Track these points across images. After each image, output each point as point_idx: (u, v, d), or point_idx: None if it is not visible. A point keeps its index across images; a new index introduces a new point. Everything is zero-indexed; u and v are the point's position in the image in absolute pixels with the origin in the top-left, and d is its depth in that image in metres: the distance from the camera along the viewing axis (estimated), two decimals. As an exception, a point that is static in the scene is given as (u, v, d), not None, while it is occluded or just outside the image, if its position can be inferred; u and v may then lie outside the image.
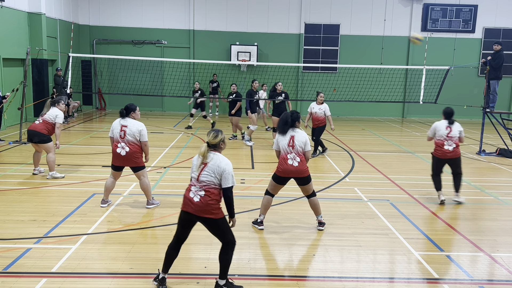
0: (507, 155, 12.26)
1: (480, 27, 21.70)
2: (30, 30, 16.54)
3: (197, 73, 20.61)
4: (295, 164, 6.19)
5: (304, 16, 21.43)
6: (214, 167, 4.49)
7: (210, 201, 4.46)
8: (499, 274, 5.29)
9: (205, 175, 4.49)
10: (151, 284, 4.77)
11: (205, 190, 4.48)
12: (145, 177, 7.13)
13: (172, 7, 21.31)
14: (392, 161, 11.43)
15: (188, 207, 4.51)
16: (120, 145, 6.93)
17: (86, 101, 21.89)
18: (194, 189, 4.52)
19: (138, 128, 6.91)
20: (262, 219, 6.48)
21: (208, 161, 4.51)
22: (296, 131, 6.27)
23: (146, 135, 6.99)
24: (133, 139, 6.90)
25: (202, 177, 4.50)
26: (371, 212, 7.30)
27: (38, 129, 8.62)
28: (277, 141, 6.35)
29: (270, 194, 6.48)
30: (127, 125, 6.93)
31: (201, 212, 4.46)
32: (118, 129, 6.96)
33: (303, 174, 6.25)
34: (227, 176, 4.47)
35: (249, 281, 4.89)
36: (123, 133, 6.91)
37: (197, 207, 4.46)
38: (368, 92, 18.86)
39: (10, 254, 5.33)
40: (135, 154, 6.94)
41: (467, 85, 21.64)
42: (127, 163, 7.02)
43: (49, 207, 7.10)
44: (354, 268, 5.32)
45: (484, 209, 7.89)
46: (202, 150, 4.55)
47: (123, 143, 6.91)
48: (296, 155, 6.20)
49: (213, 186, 4.49)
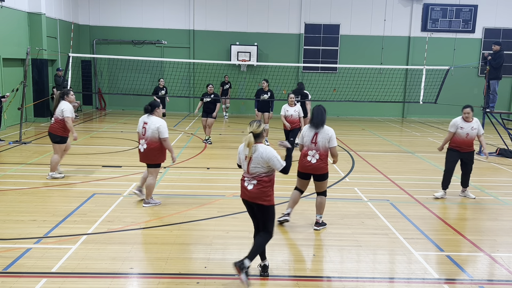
0: (507, 155, 12.26)
1: (480, 27, 21.71)
2: (30, 30, 16.54)
3: (197, 73, 20.60)
4: (313, 161, 6.32)
5: (304, 16, 21.43)
6: (258, 159, 4.83)
7: (263, 189, 4.85)
8: (499, 274, 5.29)
9: (253, 167, 4.86)
10: (151, 284, 4.77)
11: (257, 180, 4.86)
12: (154, 177, 7.22)
13: (172, 7, 21.32)
14: (392, 161, 11.43)
15: (244, 195, 4.95)
16: (141, 141, 7.10)
17: (86, 101, 21.89)
18: (247, 179, 4.93)
19: (157, 124, 6.97)
20: (289, 212, 6.64)
21: (253, 154, 4.83)
22: (322, 128, 6.32)
23: (166, 132, 7.03)
24: (152, 136, 7.00)
25: (251, 169, 4.88)
26: (371, 212, 7.30)
27: (53, 130, 8.62)
28: (302, 136, 6.44)
29: (299, 190, 6.68)
30: (148, 122, 7.04)
31: (255, 199, 4.86)
32: (141, 126, 7.11)
33: (320, 171, 6.38)
34: (273, 162, 4.82)
35: (249, 281, 4.88)
36: (144, 130, 7.05)
37: (252, 194, 4.86)
38: (368, 92, 18.87)
39: (10, 254, 5.33)
40: (152, 152, 7.04)
41: (467, 85, 21.65)
42: (145, 160, 7.16)
43: (49, 207, 7.10)
44: (354, 268, 5.32)
45: (484, 209, 7.89)
46: (249, 141, 4.82)
47: (143, 140, 7.07)
48: (316, 152, 6.30)
49: (264, 175, 4.86)
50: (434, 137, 15.74)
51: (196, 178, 9.15)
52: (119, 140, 13.42)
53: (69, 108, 8.65)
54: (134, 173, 9.31)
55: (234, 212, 7.04)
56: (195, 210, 7.15)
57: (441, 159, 11.88)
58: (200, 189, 8.32)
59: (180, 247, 5.72)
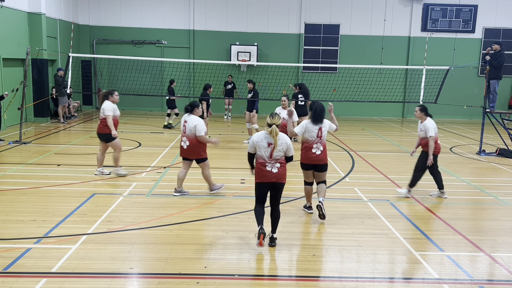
0: (507, 155, 12.26)
1: (480, 27, 21.70)
2: (30, 30, 16.54)
3: (197, 73, 20.58)
4: (318, 153, 6.78)
5: (304, 16, 21.43)
6: (283, 145, 5.74)
7: (284, 169, 5.79)
8: (499, 274, 5.29)
9: (277, 153, 5.71)
10: (151, 284, 4.77)
11: (279, 162, 5.74)
12: (206, 169, 7.78)
13: (172, 7, 21.31)
14: (392, 161, 11.43)
15: (269, 178, 5.70)
16: (183, 139, 7.70)
17: (86, 101, 21.89)
18: (269, 164, 5.72)
19: (194, 123, 7.52)
20: (310, 205, 7.19)
21: (278, 141, 5.67)
22: (323, 122, 6.85)
23: (201, 130, 7.51)
24: (191, 134, 7.56)
25: (274, 155, 5.71)
26: (371, 212, 7.30)
27: (100, 129, 8.88)
28: (304, 129, 6.76)
29: (308, 183, 7.05)
30: (187, 120, 7.62)
31: (280, 178, 5.74)
32: (182, 124, 7.73)
33: (324, 161, 6.88)
34: (290, 147, 5.82)
35: (249, 281, 4.89)
36: (184, 128, 7.65)
37: (278, 175, 5.72)
38: (368, 92, 18.84)
39: (10, 254, 5.33)
40: (195, 148, 7.60)
41: (467, 85, 21.64)
42: (189, 156, 7.71)
43: (49, 207, 7.10)
44: (354, 268, 5.32)
45: (484, 209, 7.89)
46: (275, 131, 5.65)
47: (184, 137, 7.67)
48: (320, 145, 6.81)
49: (283, 158, 5.80)
50: (434, 137, 15.73)
51: (196, 178, 9.14)
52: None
53: (110, 107, 8.87)
54: (134, 173, 9.32)
55: (234, 212, 7.04)
56: (195, 210, 7.15)
57: (442, 159, 11.88)
58: (200, 189, 8.32)
59: (180, 247, 5.72)
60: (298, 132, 6.80)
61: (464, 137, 15.90)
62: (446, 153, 12.74)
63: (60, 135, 14.23)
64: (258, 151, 5.75)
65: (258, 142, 5.74)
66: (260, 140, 5.73)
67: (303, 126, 6.80)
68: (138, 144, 12.81)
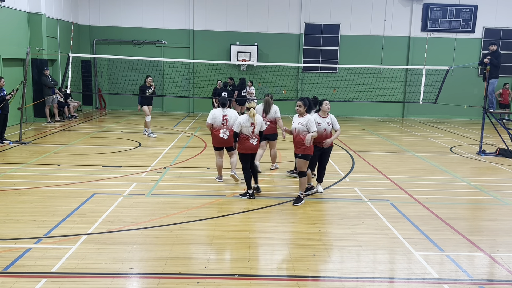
0: (507, 155, 12.26)
1: (480, 27, 21.71)
2: (30, 30, 16.54)
3: (197, 73, 20.58)
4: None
5: (304, 16, 21.43)
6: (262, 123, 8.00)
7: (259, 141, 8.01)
8: (499, 274, 5.29)
9: (257, 130, 7.83)
10: (151, 284, 4.77)
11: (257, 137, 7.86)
12: (235, 155, 8.55)
13: (172, 7, 21.32)
14: (392, 161, 11.43)
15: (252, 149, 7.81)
16: (222, 130, 8.46)
17: (86, 101, 21.89)
18: (252, 139, 7.77)
19: (235, 115, 8.50)
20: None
21: (256, 120, 7.82)
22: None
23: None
24: (232, 125, 8.41)
25: (256, 131, 7.83)
26: (371, 212, 7.30)
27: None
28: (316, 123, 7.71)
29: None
30: (228, 114, 8.49)
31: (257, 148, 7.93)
32: (220, 118, 8.44)
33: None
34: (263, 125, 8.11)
35: (249, 281, 4.89)
36: (225, 121, 8.45)
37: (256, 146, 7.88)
38: (368, 92, 18.87)
39: (10, 254, 5.33)
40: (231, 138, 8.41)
41: (467, 85, 21.65)
42: (227, 144, 8.52)
43: (49, 207, 7.10)
44: (354, 268, 5.32)
45: (484, 209, 7.89)
46: (254, 113, 7.78)
47: (225, 129, 8.46)
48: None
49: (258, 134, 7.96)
50: (434, 137, 15.74)
51: (196, 178, 9.14)
52: (119, 140, 13.41)
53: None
54: (134, 173, 9.32)
55: (234, 212, 7.05)
56: (195, 210, 7.15)
57: (442, 159, 11.94)
58: (200, 189, 8.32)
59: (180, 247, 5.72)
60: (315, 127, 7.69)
61: (464, 137, 15.90)
62: (446, 153, 12.74)
63: (60, 135, 14.23)
64: (243, 130, 7.72)
65: (244, 122, 7.72)
66: (245, 121, 7.73)
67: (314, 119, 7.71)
68: (138, 144, 12.81)
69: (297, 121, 7.59)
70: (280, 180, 9.25)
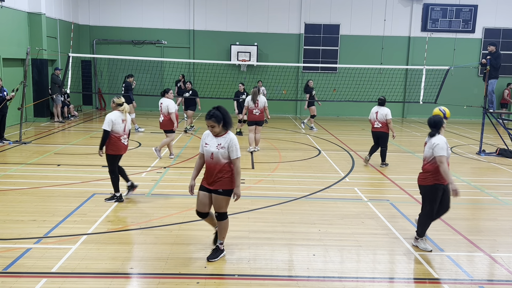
0: (507, 155, 12.26)
1: (480, 27, 21.70)
2: (30, 30, 16.54)
3: (197, 73, 20.59)
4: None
5: (304, 16, 21.43)
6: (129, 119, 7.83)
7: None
8: (499, 274, 5.29)
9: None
10: (151, 284, 4.77)
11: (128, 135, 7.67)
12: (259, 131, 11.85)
13: (172, 7, 21.32)
14: (392, 161, 11.43)
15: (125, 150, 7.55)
16: (254, 111, 11.69)
17: (86, 101, 21.90)
18: (123, 138, 7.42)
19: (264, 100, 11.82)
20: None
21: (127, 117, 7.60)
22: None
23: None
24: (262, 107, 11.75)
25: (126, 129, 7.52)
26: (371, 212, 7.30)
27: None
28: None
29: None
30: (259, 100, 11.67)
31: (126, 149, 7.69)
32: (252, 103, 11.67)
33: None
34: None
35: (249, 281, 4.89)
36: (256, 104, 11.65)
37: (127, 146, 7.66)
38: (368, 92, 18.87)
39: (10, 254, 5.33)
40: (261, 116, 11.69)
41: (467, 85, 21.64)
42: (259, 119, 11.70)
43: (49, 207, 7.10)
44: (354, 268, 5.32)
45: (484, 209, 7.89)
46: (126, 109, 7.46)
47: (256, 109, 11.69)
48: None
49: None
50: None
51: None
52: (119, 140, 13.39)
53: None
54: (134, 173, 9.31)
55: (234, 212, 7.05)
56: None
57: (441, 159, 11.89)
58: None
59: (180, 247, 5.72)
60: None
61: (464, 137, 15.90)
62: (446, 153, 12.72)
63: (60, 135, 14.23)
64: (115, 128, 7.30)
65: (116, 119, 7.26)
66: (116, 118, 7.27)
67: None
68: (138, 144, 12.81)
69: (213, 142, 5.17)
70: (280, 180, 9.25)
